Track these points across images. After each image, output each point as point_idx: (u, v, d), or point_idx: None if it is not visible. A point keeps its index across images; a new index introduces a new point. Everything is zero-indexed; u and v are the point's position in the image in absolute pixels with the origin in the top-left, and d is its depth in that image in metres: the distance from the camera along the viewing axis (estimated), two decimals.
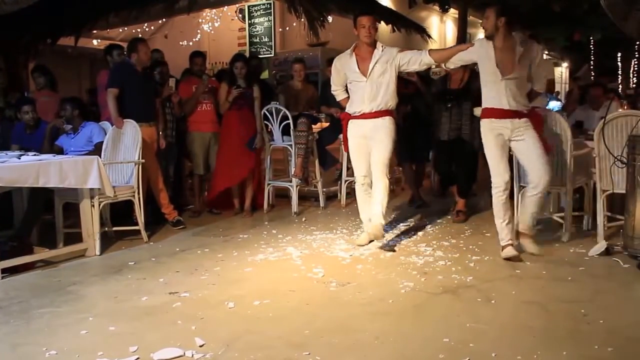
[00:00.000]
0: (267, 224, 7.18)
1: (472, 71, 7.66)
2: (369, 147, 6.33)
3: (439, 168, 8.38)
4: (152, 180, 7.34)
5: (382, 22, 13.25)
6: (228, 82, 8.18)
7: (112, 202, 6.72)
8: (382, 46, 6.33)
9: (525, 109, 5.82)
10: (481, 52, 5.92)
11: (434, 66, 6.39)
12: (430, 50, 6.31)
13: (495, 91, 5.82)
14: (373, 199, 6.33)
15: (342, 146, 8.61)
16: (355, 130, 6.41)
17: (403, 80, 9.16)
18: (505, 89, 5.75)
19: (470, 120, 7.32)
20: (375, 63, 6.25)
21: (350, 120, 6.43)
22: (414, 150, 8.26)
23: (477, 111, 7.09)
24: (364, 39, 6.31)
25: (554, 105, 13.36)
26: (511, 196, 6.01)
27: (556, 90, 23.84)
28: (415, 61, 6.27)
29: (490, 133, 5.90)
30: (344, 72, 6.46)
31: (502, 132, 5.84)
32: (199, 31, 15.21)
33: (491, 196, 5.99)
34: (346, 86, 6.51)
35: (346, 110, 6.53)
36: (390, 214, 8.02)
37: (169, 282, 5.36)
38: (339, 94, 6.64)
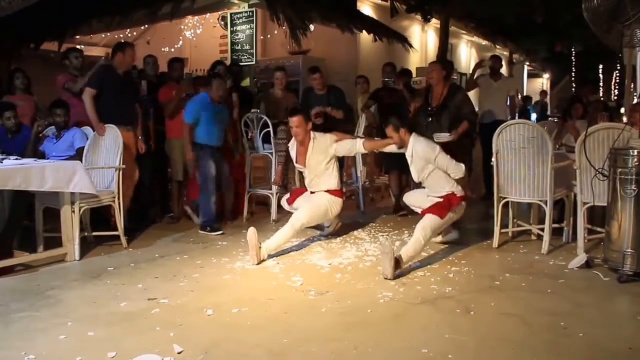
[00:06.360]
0: (246, 232, 7.15)
1: (450, 86, 7.65)
2: None
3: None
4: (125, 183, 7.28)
5: (364, 31, 13.31)
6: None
7: (92, 207, 6.68)
8: (314, 138, 6.86)
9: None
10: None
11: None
12: (365, 141, 6.90)
13: None
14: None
15: None
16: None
17: (389, 89, 9.16)
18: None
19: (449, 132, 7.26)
20: (310, 155, 6.86)
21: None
22: (401, 159, 8.07)
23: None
24: (294, 137, 6.95)
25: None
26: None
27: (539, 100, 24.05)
28: (350, 151, 7.12)
29: None
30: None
31: None
32: (180, 38, 15.23)
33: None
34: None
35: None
36: (371, 222, 8.12)
37: (147, 288, 5.34)
38: None
